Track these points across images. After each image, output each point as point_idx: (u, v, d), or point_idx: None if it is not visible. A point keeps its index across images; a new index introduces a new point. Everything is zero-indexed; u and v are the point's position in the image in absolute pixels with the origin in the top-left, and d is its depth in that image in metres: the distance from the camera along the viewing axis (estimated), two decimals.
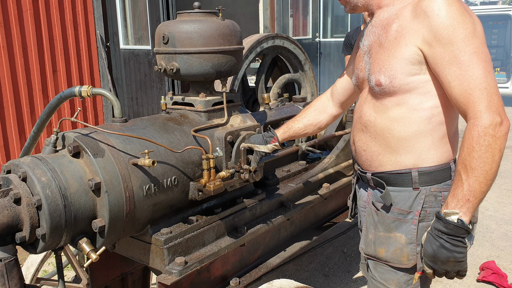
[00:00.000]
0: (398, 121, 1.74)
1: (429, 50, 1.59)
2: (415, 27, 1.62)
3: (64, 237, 1.79)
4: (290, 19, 10.96)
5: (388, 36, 1.71)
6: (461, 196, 1.55)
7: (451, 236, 1.57)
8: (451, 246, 1.57)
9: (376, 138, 1.82)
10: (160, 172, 2.03)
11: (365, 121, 1.86)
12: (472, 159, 1.51)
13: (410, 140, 1.74)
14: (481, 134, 1.49)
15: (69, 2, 6.23)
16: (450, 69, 1.55)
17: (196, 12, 2.32)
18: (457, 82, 1.54)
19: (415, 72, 1.65)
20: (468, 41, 1.53)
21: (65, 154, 1.88)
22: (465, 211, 1.56)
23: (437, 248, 1.60)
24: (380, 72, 1.73)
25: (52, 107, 2.18)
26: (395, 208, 1.81)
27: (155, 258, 2.08)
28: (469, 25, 1.54)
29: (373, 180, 1.88)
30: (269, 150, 2.19)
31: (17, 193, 1.70)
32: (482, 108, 1.50)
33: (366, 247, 1.95)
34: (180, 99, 2.43)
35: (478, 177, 1.51)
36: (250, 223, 2.45)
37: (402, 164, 1.77)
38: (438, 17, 1.55)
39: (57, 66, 6.18)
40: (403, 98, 1.70)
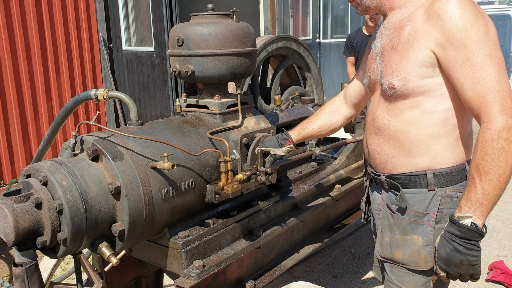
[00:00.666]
0: (412, 123, 1.73)
1: (442, 52, 1.59)
2: (428, 30, 1.61)
3: (84, 241, 1.79)
4: (291, 19, 10.96)
5: (401, 38, 1.70)
6: (474, 199, 1.55)
7: (465, 239, 1.56)
8: (465, 249, 1.56)
9: (390, 140, 1.82)
10: (178, 176, 2.03)
11: (379, 123, 1.85)
12: (486, 162, 1.51)
13: (424, 143, 1.73)
14: (494, 137, 1.49)
15: (71, 5, 6.21)
16: (463, 72, 1.55)
17: (210, 14, 2.31)
18: (470, 85, 1.54)
19: (428, 75, 1.65)
20: (481, 44, 1.52)
21: (84, 158, 1.87)
22: (478, 214, 1.55)
23: (450, 252, 1.59)
24: (393, 74, 1.72)
25: (67, 110, 2.17)
26: (410, 211, 1.80)
27: (173, 261, 2.08)
28: (482, 27, 1.53)
29: (388, 182, 1.87)
30: (284, 153, 2.18)
31: (38, 198, 1.69)
32: (495, 111, 1.49)
33: (382, 250, 1.94)
34: (194, 101, 2.43)
35: (492, 181, 1.51)
36: (265, 225, 2.45)
37: (417, 166, 1.77)
38: (450, 19, 1.55)
39: (60, 68, 6.16)
40: (417, 101, 1.70)
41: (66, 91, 6.25)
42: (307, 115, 3.14)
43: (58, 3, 6.04)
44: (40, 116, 5.96)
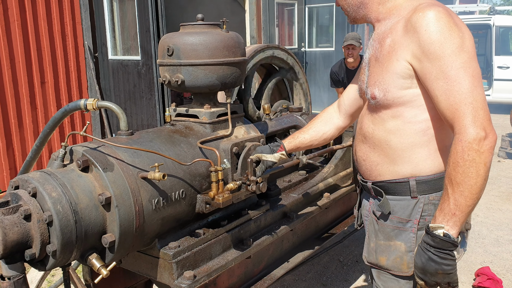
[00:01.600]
0: (394, 133, 1.77)
1: (418, 64, 1.62)
2: (405, 42, 1.65)
3: (74, 253, 1.76)
4: (276, 29, 11.04)
5: (383, 50, 1.75)
6: (447, 210, 1.58)
7: (439, 249, 1.59)
8: (439, 259, 1.59)
9: (374, 148, 1.86)
10: (168, 186, 2.02)
11: (364, 132, 1.90)
12: (457, 174, 1.54)
13: (406, 151, 1.77)
14: (465, 149, 1.51)
15: (57, 13, 6.17)
16: (437, 84, 1.58)
17: (200, 24, 2.32)
18: (444, 96, 1.57)
19: (407, 86, 1.69)
20: (455, 56, 1.55)
21: (74, 168, 1.85)
22: (451, 225, 1.58)
23: (425, 261, 1.62)
24: (374, 85, 1.77)
25: (56, 120, 2.15)
26: (394, 217, 1.84)
27: (163, 272, 2.06)
28: (456, 39, 1.56)
29: (373, 189, 1.91)
30: (276, 160, 2.19)
31: (27, 209, 1.66)
32: (466, 123, 1.52)
33: (368, 255, 1.98)
34: (184, 110, 2.42)
35: (463, 192, 1.54)
36: (255, 234, 2.44)
37: (400, 174, 1.80)
38: (425, 32, 1.58)
39: (45, 78, 6.10)
40: (398, 111, 1.74)
41: (51, 100, 6.18)
42: (296, 124, 3.16)
43: (43, 11, 5.99)
44: (25, 126, 5.88)
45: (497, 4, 34.83)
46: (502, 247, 4.49)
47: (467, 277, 3.93)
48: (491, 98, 11.21)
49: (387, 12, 1.81)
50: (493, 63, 11.20)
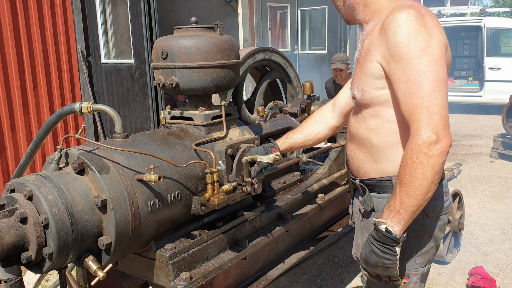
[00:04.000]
0: (375, 131, 1.81)
1: (387, 66, 1.66)
2: (378, 44, 1.69)
3: (70, 255, 1.77)
4: (269, 32, 11.08)
5: (361, 52, 1.81)
6: (393, 207, 1.62)
7: (380, 243, 1.64)
8: (380, 252, 1.64)
9: (360, 146, 1.91)
10: (164, 188, 2.03)
11: (351, 130, 1.96)
12: (405, 174, 1.58)
13: (387, 150, 1.81)
14: (414, 151, 1.55)
15: (49, 17, 6.15)
16: (400, 86, 1.61)
17: (194, 27, 2.34)
18: (404, 99, 1.60)
19: (381, 86, 1.73)
20: (418, 59, 1.57)
21: (70, 171, 1.85)
22: (395, 222, 1.62)
23: (368, 253, 1.68)
24: (355, 85, 1.83)
25: (50, 124, 2.15)
26: (376, 214, 1.87)
27: (160, 274, 2.06)
28: (421, 42, 1.57)
29: (361, 186, 1.95)
30: (271, 161, 2.21)
31: (23, 212, 1.67)
32: (419, 126, 1.55)
33: (356, 251, 2.03)
34: (179, 113, 2.44)
35: (408, 192, 1.57)
36: (251, 236, 2.45)
37: (384, 172, 1.84)
38: (393, 34, 1.61)
39: (38, 82, 6.08)
40: (377, 110, 1.78)
41: (44, 104, 6.16)
42: (290, 125, 3.18)
43: (35, 16, 5.98)
44: (17, 130, 5.86)
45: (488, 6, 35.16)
46: (495, 246, 4.53)
47: (461, 276, 3.97)
48: (483, 99, 11.29)
49: (371, 14, 1.85)
50: (485, 65, 11.30)
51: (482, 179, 6.68)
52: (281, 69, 3.92)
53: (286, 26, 11.80)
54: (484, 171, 7.06)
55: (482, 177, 6.79)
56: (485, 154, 8.00)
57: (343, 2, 1.93)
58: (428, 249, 1.87)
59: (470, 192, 6.13)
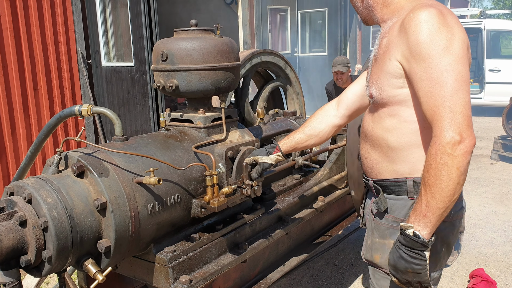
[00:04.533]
0: (391, 131, 1.79)
1: (407, 65, 1.64)
2: (397, 42, 1.67)
3: (70, 258, 1.76)
4: (269, 34, 11.09)
5: (380, 50, 1.78)
6: (419, 211, 1.59)
7: (409, 248, 1.60)
8: (409, 257, 1.60)
9: (374, 146, 1.88)
10: (163, 190, 2.02)
11: (365, 129, 1.93)
12: (429, 176, 1.55)
13: (403, 150, 1.78)
14: (438, 152, 1.52)
15: (49, 20, 6.16)
16: (421, 85, 1.59)
17: (194, 30, 2.34)
18: (426, 98, 1.58)
19: (400, 85, 1.70)
20: (440, 58, 1.55)
21: (69, 174, 1.85)
22: (422, 225, 1.59)
23: (397, 259, 1.64)
24: (372, 84, 1.81)
25: (51, 126, 2.15)
26: (390, 216, 1.85)
27: (159, 277, 2.06)
28: (443, 41, 1.55)
29: (374, 187, 1.92)
30: (272, 161, 2.19)
31: (22, 215, 1.66)
32: (443, 126, 1.52)
33: (366, 252, 2.00)
34: (179, 115, 2.43)
35: (434, 194, 1.54)
36: (251, 238, 2.45)
37: (399, 173, 1.81)
38: (414, 33, 1.59)
39: (38, 85, 6.08)
40: (394, 110, 1.76)
41: (44, 107, 6.16)
42: (290, 128, 3.18)
43: (36, 19, 5.98)
44: (18, 133, 5.86)
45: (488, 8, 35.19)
46: (495, 248, 4.52)
47: (461, 279, 3.95)
48: (483, 101, 11.29)
49: (390, 13, 1.83)
50: (485, 67, 11.30)
51: (483, 181, 6.67)
52: (281, 72, 3.91)
53: (286, 29, 11.81)
54: (484, 173, 7.05)
55: (482, 179, 6.78)
56: (486, 156, 7.99)
57: (362, 2, 1.91)
58: (440, 254, 1.83)
59: (471, 194, 6.11)
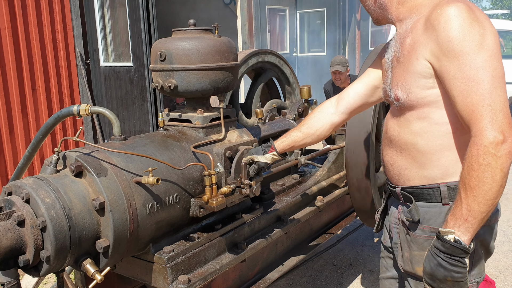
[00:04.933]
0: (421, 135, 1.70)
1: (437, 63, 1.56)
2: (424, 41, 1.59)
3: (68, 258, 1.76)
4: (268, 34, 11.09)
5: (403, 50, 1.70)
6: (459, 215, 1.50)
7: (449, 255, 1.51)
8: (449, 265, 1.51)
9: (401, 152, 1.79)
10: (162, 190, 2.02)
11: (390, 135, 1.83)
12: (471, 178, 1.46)
13: (435, 154, 1.69)
14: (480, 152, 1.44)
15: (48, 20, 6.15)
16: (455, 84, 1.51)
17: (192, 30, 2.33)
18: (461, 97, 1.50)
19: (430, 86, 1.63)
20: (474, 55, 1.47)
21: (67, 174, 1.85)
22: (463, 231, 1.50)
23: (434, 267, 1.55)
24: (397, 86, 1.72)
25: (48, 126, 2.15)
26: (425, 227, 1.75)
27: (158, 277, 2.06)
28: (476, 37, 1.48)
29: (403, 195, 1.83)
30: (268, 160, 2.16)
31: (20, 215, 1.66)
32: (483, 126, 1.44)
33: (404, 264, 1.87)
34: (177, 115, 2.43)
35: (477, 197, 1.46)
36: (250, 238, 2.45)
37: (430, 179, 1.72)
38: (444, 30, 1.52)
39: (37, 85, 6.07)
40: (424, 112, 1.68)
41: (42, 107, 6.15)
42: (289, 128, 3.17)
43: (34, 19, 5.97)
44: (16, 133, 5.85)
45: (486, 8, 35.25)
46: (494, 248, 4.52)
47: None
48: None
49: (407, 11, 1.75)
50: None
51: None
52: (276, 68, 3.91)
53: (285, 29, 11.81)
54: None
55: None
56: None
57: (374, 1, 1.83)
58: (481, 259, 1.76)
59: None
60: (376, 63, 2.05)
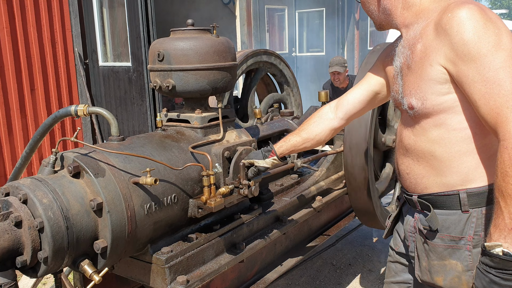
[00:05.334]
0: (438, 142, 1.65)
1: (453, 68, 1.51)
2: (437, 46, 1.55)
3: (66, 259, 1.75)
4: (267, 34, 11.09)
5: (414, 57, 1.65)
6: (503, 226, 1.40)
7: (500, 270, 1.40)
8: (503, 280, 1.40)
9: (418, 161, 1.74)
10: (160, 191, 2.02)
11: (406, 144, 1.78)
12: (508, 184, 1.37)
13: (454, 161, 1.63)
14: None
15: (46, 20, 6.14)
16: (475, 88, 1.46)
17: (190, 30, 2.33)
18: (484, 101, 1.44)
19: (446, 92, 1.58)
20: (492, 56, 1.43)
21: (65, 174, 1.84)
22: (510, 241, 1.39)
23: (487, 284, 1.43)
24: (410, 94, 1.67)
25: (46, 126, 2.14)
26: (445, 235, 1.69)
27: (156, 277, 2.05)
28: (492, 37, 1.44)
29: (420, 203, 1.77)
30: (269, 165, 2.17)
31: (18, 216, 1.65)
32: (511, 128, 1.38)
33: (422, 274, 1.82)
34: (175, 115, 2.43)
35: None
36: (248, 238, 2.44)
37: (449, 186, 1.67)
38: (457, 33, 1.47)
39: (35, 85, 6.06)
40: (440, 119, 1.63)
41: (41, 107, 6.14)
42: (288, 128, 3.17)
43: (33, 18, 5.97)
44: (15, 133, 5.84)
45: None
46: None
47: None
48: None
49: (413, 16, 1.70)
50: None
51: None
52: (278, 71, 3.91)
53: (284, 28, 11.81)
54: None
55: None
56: None
57: (378, 6, 1.78)
58: None
59: None
60: (376, 68, 2.02)
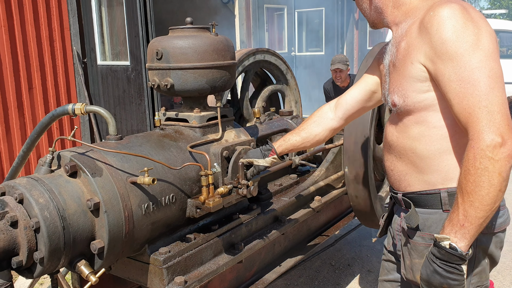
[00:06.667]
0: (419, 139, 1.67)
1: (432, 66, 1.53)
2: (418, 44, 1.57)
3: (62, 260, 1.73)
4: (266, 33, 11.07)
5: (398, 55, 1.67)
6: (456, 221, 1.46)
7: (444, 261, 1.48)
8: (445, 272, 1.48)
9: (401, 157, 1.76)
10: (158, 190, 2.00)
11: (389, 140, 1.81)
12: (468, 182, 1.42)
13: (434, 159, 1.65)
14: (477, 156, 1.40)
15: (44, 19, 6.11)
16: (450, 86, 1.48)
17: (189, 28, 2.31)
18: (457, 100, 1.46)
19: (426, 89, 1.59)
20: (469, 56, 1.44)
21: (62, 174, 1.82)
22: (460, 237, 1.45)
23: (430, 273, 1.52)
24: (393, 92, 1.69)
25: (43, 125, 2.12)
26: (425, 234, 1.71)
27: (154, 278, 2.03)
28: (470, 37, 1.45)
29: (404, 201, 1.79)
30: (268, 164, 2.16)
31: (13, 216, 1.63)
32: (480, 128, 1.40)
33: (406, 272, 1.84)
34: (174, 115, 2.41)
35: (473, 202, 1.42)
36: (247, 239, 2.42)
37: (430, 184, 1.68)
38: (437, 32, 1.49)
39: (33, 84, 6.03)
40: (421, 116, 1.64)
41: (39, 106, 6.11)
42: (286, 127, 3.15)
43: (31, 17, 5.94)
44: (12, 132, 5.81)
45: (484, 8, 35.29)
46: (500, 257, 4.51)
47: None
48: None
49: (403, 15, 1.72)
50: None
51: None
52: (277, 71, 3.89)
53: (283, 28, 11.79)
54: None
55: None
56: None
57: (370, 4, 1.81)
58: (483, 267, 1.69)
59: None
60: (372, 68, 2.03)
